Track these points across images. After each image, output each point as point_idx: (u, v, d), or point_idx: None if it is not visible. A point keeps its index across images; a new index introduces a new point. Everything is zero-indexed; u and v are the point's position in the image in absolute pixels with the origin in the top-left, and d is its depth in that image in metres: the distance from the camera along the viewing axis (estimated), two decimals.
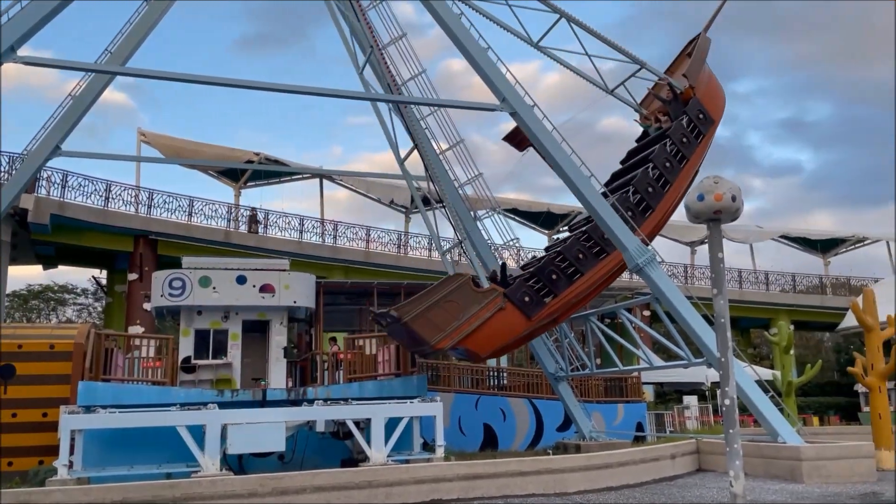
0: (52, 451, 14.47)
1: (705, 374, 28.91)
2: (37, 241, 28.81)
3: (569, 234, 20.13)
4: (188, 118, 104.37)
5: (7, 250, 26.63)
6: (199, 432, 14.36)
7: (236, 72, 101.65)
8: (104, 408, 14.55)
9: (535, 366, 23.20)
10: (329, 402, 15.92)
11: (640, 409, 25.19)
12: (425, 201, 21.19)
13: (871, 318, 17.83)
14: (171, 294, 17.19)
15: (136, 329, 28.29)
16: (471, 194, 19.32)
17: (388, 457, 15.24)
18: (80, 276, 65.54)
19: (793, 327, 28.09)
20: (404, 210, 40.42)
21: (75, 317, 48.67)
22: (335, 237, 35.73)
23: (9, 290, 39.54)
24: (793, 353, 25.00)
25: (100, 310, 45.99)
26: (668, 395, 38.19)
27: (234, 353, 17.74)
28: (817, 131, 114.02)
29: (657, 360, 19.53)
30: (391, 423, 15.51)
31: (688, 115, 18.44)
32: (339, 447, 17.11)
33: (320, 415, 15.44)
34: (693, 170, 18.51)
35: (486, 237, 19.63)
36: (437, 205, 19.56)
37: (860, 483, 13.91)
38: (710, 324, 14.97)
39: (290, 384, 18.73)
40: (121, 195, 30.38)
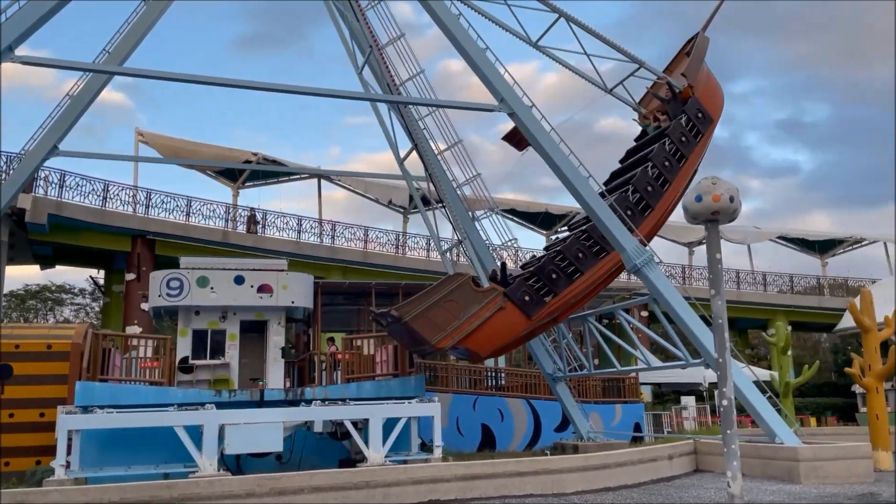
0: (50, 451, 14.46)
1: (703, 375, 28.97)
2: (34, 240, 28.75)
3: (569, 233, 20.14)
4: (186, 118, 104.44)
5: (4, 250, 26.58)
6: (196, 433, 14.37)
7: (234, 72, 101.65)
8: (101, 408, 14.58)
9: (533, 366, 23.21)
10: (327, 403, 15.92)
11: (637, 409, 25.24)
12: (425, 201, 21.19)
13: (869, 318, 17.82)
14: (168, 294, 17.17)
15: (134, 329, 28.20)
16: (469, 195, 19.32)
17: (386, 457, 15.26)
18: (77, 276, 65.74)
19: (790, 328, 28.14)
20: (402, 210, 40.37)
21: (73, 317, 48.59)
22: (333, 237, 35.69)
23: (6, 289, 39.46)
24: (790, 353, 24.95)
25: (97, 310, 45.89)
26: (666, 395, 38.23)
27: (232, 354, 17.73)
28: (815, 132, 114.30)
29: (655, 361, 19.55)
30: (389, 424, 15.52)
31: (686, 114, 18.46)
32: (336, 447, 17.11)
33: (318, 415, 15.45)
34: (692, 168, 18.52)
35: (485, 238, 19.63)
36: (437, 204, 19.56)
37: (857, 484, 13.90)
38: (708, 324, 14.92)
39: (288, 384, 18.71)
40: (118, 195, 30.34)
